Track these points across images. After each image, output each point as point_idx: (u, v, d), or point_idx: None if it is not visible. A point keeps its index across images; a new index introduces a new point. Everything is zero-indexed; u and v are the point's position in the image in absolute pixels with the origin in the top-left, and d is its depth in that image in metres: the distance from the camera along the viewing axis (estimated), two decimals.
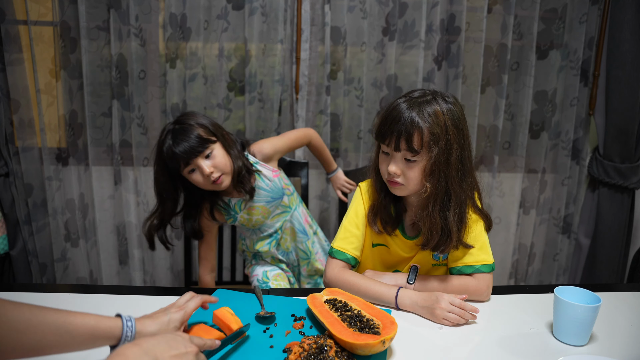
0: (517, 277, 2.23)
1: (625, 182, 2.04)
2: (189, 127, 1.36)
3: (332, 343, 0.89)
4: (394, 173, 1.10)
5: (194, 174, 1.38)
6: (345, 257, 1.23)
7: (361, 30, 1.90)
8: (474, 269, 1.17)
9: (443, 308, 1.06)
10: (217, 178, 1.38)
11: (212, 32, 1.87)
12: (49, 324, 0.71)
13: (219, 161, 1.39)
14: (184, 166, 1.37)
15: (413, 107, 1.07)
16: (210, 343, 0.83)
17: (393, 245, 1.25)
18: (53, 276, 1.96)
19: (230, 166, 1.42)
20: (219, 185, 1.40)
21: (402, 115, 1.07)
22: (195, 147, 1.34)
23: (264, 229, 1.58)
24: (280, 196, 1.56)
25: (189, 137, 1.34)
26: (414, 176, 1.10)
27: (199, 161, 1.36)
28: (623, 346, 1.00)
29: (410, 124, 1.06)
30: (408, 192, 1.15)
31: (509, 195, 2.13)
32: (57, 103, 1.85)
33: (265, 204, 1.54)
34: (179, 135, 1.35)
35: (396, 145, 1.08)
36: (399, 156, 1.10)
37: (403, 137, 1.06)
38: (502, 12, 1.95)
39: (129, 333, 0.80)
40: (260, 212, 1.54)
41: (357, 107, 1.97)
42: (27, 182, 1.84)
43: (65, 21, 1.79)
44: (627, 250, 2.20)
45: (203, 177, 1.37)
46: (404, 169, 1.10)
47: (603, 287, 1.43)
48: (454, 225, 1.12)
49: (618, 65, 1.94)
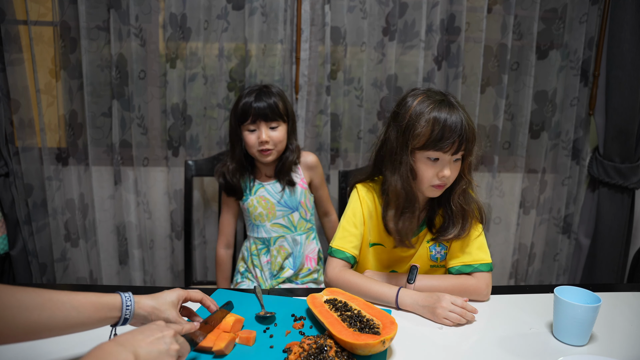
0: (517, 277, 2.23)
1: (625, 182, 2.04)
2: (273, 94, 1.52)
3: (332, 343, 0.89)
4: (449, 177, 1.13)
5: (251, 134, 1.52)
6: (345, 256, 1.23)
7: (361, 30, 1.90)
8: (472, 268, 1.18)
9: (444, 307, 1.06)
10: (267, 150, 1.51)
11: (212, 32, 1.87)
12: (55, 301, 0.75)
13: (277, 137, 1.53)
14: (249, 123, 1.50)
15: (455, 109, 1.10)
16: (188, 327, 0.86)
17: (389, 243, 1.25)
18: (53, 276, 1.96)
19: (282, 149, 1.56)
20: (264, 156, 1.53)
21: (456, 120, 1.09)
22: (269, 111, 1.49)
23: (260, 230, 1.61)
24: (293, 209, 1.59)
25: (269, 101, 1.50)
26: (456, 173, 1.16)
27: (263, 126, 1.50)
28: (623, 346, 1.00)
29: (466, 126, 1.10)
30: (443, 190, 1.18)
31: (509, 195, 2.13)
32: (57, 103, 1.85)
33: (275, 204, 1.59)
34: (262, 96, 1.50)
35: (457, 149, 1.11)
36: (450, 159, 1.12)
37: (464, 141, 1.10)
38: (502, 12, 1.95)
39: (129, 303, 0.84)
40: (266, 207, 1.58)
41: (357, 107, 1.97)
42: (27, 182, 1.84)
43: (65, 21, 1.79)
44: (627, 250, 2.20)
45: (257, 141, 1.50)
46: (453, 170, 1.14)
47: (603, 287, 1.43)
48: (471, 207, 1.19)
49: (618, 65, 1.94)
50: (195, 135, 1.93)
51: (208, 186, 1.99)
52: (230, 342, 0.91)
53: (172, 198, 1.98)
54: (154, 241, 2.01)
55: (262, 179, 1.62)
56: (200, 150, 1.95)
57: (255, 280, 1.64)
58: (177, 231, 2.01)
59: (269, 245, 1.62)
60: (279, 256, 1.61)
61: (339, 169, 1.90)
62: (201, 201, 1.99)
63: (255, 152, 1.53)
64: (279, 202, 1.59)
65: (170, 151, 1.93)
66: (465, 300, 1.09)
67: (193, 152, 1.93)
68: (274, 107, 1.50)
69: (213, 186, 1.98)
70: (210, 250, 2.04)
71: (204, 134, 1.94)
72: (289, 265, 1.62)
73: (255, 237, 1.64)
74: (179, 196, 1.97)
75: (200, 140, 1.94)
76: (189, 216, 1.84)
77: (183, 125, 1.92)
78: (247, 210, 1.63)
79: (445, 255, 1.24)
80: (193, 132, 1.92)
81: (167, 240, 2.02)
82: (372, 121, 1.99)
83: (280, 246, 1.61)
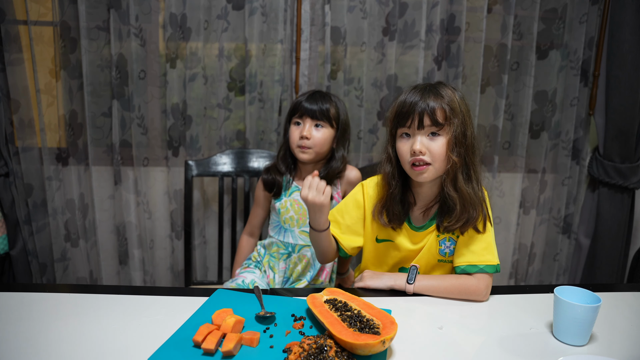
0: (517, 277, 2.23)
1: (625, 182, 2.04)
2: (328, 100, 1.55)
3: (332, 343, 0.89)
4: (419, 150, 1.12)
5: (296, 127, 1.54)
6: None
7: (361, 30, 1.90)
8: (478, 268, 1.17)
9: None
10: (306, 145, 1.52)
11: (212, 32, 1.87)
12: None
13: (319, 138, 1.52)
14: (297, 116, 1.54)
15: (428, 91, 1.14)
16: None
17: (399, 238, 1.25)
18: (53, 276, 1.96)
19: (324, 153, 1.55)
20: (302, 151, 1.53)
21: (421, 96, 1.13)
22: (318, 110, 1.51)
23: (287, 235, 1.59)
24: None
25: (320, 103, 1.52)
26: (440, 151, 1.13)
27: (308, 122, 1.52)
28: (623, 346, 1.00)
29: (431, 101, 1.11)
30: (434, 174, 1.16)
31: (509, 195, 2.13)
32: (57, 103, 1.85)
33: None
34: (317, 98, 1.54)
35: (420, 123, 1.12)
36: (421, 134, 1.13)
37: (427, 113, 1.11)
38: (502, 12, 1.95)
39: None
40: (298, 212, 1.57)
41: (357, 107, 1.97)
42: (27, 182, 1.84)
43: (65, 21, 1.79)
44: (627, 250, 2.20)
45: (298, 136, 1.52)
46: (429, 145, 1.13)
47: (603, 287, 1.43)
48: (479, 197, 1.17)
49: (618, 65, 1.94)
50: (195, 135, 1.93)
51: (208, 186, 1.99)
52: (238, 343, 0.91)
53: (172, 198, 1.98)
54: (154, 241, 2.01)
55: (300, 183, 1.58)
56: (200, 150, 1.95)
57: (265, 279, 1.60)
58: (177, 231, 2.01)
59: (292, 252, 1.58)
60: (299, 264, 1.57)
61: None
62: (201, 201, 1.99)
63: (295, 147, 1.54)
64: None
65: (170, 151, 1.93)
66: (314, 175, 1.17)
67: (193, 152, 1.94)
68: (324, 108, 1.52)
69: (213, 186, 1.98)
70: (210, 250, 2.04)
71: (204, 134, 1.94)
72: (307, 278, 1.58)
73: (280, 240, 1.60)
74: (179, 196, 1.97)
75: (200, 140, 1.94)
76: (189, 216, 1.84)
77: (183, 125, 1.92)
78: (277, 211, 1.60)
79: (454, 250, 1.23)
80: (193, 132, 1.92)
81: (167, 240, 2.02)
82: (372, 121, 1.99)
83: (303, 255, 1.57)
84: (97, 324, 0.99)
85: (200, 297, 1.13)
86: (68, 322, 1.00)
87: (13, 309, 1.04)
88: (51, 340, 0.93)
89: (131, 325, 0.99)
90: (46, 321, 1.00)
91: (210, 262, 2.05)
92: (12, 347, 0.90)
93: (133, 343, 0.93)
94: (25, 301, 1.08)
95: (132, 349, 0.91)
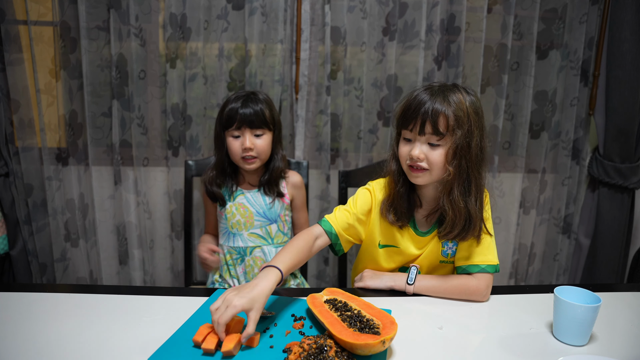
0: (517, 277, 2.23)
1: (625, 182, 2.04)
2: (260, 101, 1.49)
3: (332, 343, 0.89)
4: (417, 157, 1.11)
5: (235, 140, 1.48)
6: (329, 230, 1.23)
7: (361, 30, 1.90)
8: (479, 268, 1.17)
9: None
10: (250, 157, 1.48)
11: (212, 32, 1.87)
12: None
13: (262, 146, 1.49)
14: (234, 128, 1.47)
15: (437, 94, 1.11)
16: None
17: (403, 243, 1.24)
18: (53, 276, 1.96)
19: (266, 158, 1.52)
20: (248, 163, 1.49)
21: (428, 100, 1.10)
22: (254, 118, 1.45)
23: (236, 239, 1.57)
24: (272, 221, 1.56)
25: (255, 108, 1.46)
26: (438, 160, 1.11)
27: (248, 133, 1.46)
28: (623, 346, 1.00)
29: (436, 108, 1.09)
30: (429, 180, 1.15)
31: (509, 195, 2.13)
32: (57, 103, 1.85)
33: (254, 213, 1.55)
34: (249, 102, 1.46)
35: (421, 129, 1.10)
36: (422, 140, 1.12)
37: (429, 120, 1.09)
38: (502, 12, 1.95)
39: None
40: (244, 216, 1.55)
41: (357, 107, 1.97)
42: (27, 182, 1.84)
43: (65, 21, 1.79)
44: (627, 250, 2.19)
45: (241, 148, 1.47)
46: (427, 153, 1.12)
47: (603, 287, 1.43)
48: (476, 212, 1.14)
49: (618, 65, 1.94)
50: (195, 135, 1.93)
51: None
52: (238, 344, 0.91)
53: (172, 198, 1.98)
54: (154, 241, 2.01)
55: (244, 187, 1.58)
56: (200, 150, 1.95)
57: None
58: (177, 231, 2.01)
59: (245, 255, 1.57)
60: (255, 267, 1.56)
61: (339, 169, 1.90)
62: (201, 201, 1.99)
63: (239, 159, 1.49)
64: (258, 212, 1.55)
65: (170, 151, 1.93)
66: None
67: (193, 152, 1.94)
68: (260, 114, 1.46)
69: None
70: None
71: (204, 134, 1.94)
72: None
73: (230, 246, 1.58)
74: (179, 196, 1.97)
75: (200, 140, 1.94)
76: (189, 216, 1.84)
77: (183, 125, 1.92)
78: (224, 217, 1.57)
79: (455, 251, 1.23)
80: (193, 132, 1.92)
81: (167, 240, 2.02)
82: (372, 121, 1.99)
83: (256, 257, 1.57)
84: (97, 324, 0.99)
85: (200, 297, 1.13)
86: (68, 322, 1.00)
87: (13, 309, 1.04)
88: (51, 340, 0.93)
89: (131, 325, 0.99)
90: (46, 321, 1.00)
91: None
92: (12, 347, 0.90)
93: (133, 343, 0.93)
94: (25, 301, 1.08)
95: (132, 349, 0.91)
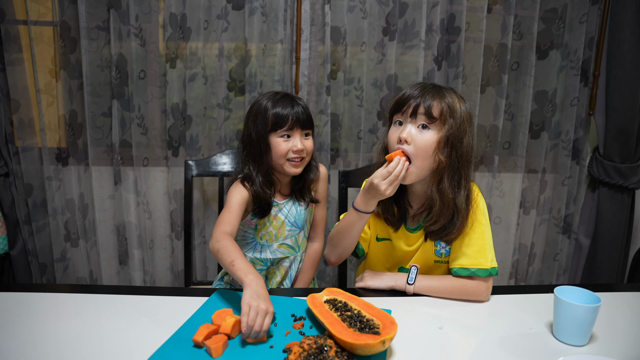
0: (517, 277, 2.23)
1: (625, 182, 2.04)
2: (301, 100, 1.37)
3: (332, 343, 0.89)
4: (404, 139, 1.11)
5: (284, 142, 1.33)
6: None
7: (361, 30, 1.90)
8: (469, 272, 1.16)
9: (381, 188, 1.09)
10: (299, 160, 1.35)
11: (212, 32, 1.87)
12: None
13: (311, 147, 1.37)
14: (286, 129, 1.32)
15: (432, 87, 1.14)
16: None
17: (396, 239, 1.25)
18: (53, 276, 1.96)
19: (309, 160, 1.40)
20: (295, 166, 1.36)
21: (423, 90, 1.13)
22: (305, 117, 1.34)
23: (265, 251, 1.46)
24: (300, 228, 1.47)
25: (300, 107, 1.34)
26: (425, 146, 1.11)
27: (298, 133, 1.34)
28: (623, 346, 1.00)
29: (430, 94, 1.11)
30: (415, 175, 1.14)
31: (509, 195, 2.13)
32: (57, 103, 1.85)
33: (285, 222, 1.44)
34: (291, 102, 1.33)
35: (414, 111, 1.11)
36: (413, 123, 1.13)
37: (422, 104, 1.11)
38: (502, 12, 1.95)
39: None
40: (276, 227, 1.44)
41: (357, 107, 1.97)
42: (27, 182, 1.84)
43: (65, 21, 1.79)
44: (627, 250, 2.19)
45: (288, 150, 1.33)
46: (416, 137, 1.12)
47: (603, 287, 1.43)
48: (463, 207, 1.14)
49: (618, 65, 1.94)
50: (195, 135, 1.93)
51: (208, 186, 1.99)
52: (225, 344, 0.91)
53: (172, 198, 1.98)
54: (154, 241, 2.01)
55: (277, 197, 1.44)
56: (200, 150, 1.95)
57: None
58: (177, 231, 2.01)
59: (271, 265, 1.47)
60: (279, 275, 1.48)
61: (339, 169, 1.90)
62: (201, 201, 1.99)
63: (284, 161, 1.35)
64: (290, 221, 1.44)
65: (170, 151, 1.93)
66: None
67: (193, 152, 1.93)
68: (308, 113, 1.36)
69: (213, 186, 1.98)
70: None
71: (204, 134, 1.94)
72: (286, 285, 1.51)
73: (257, 257, 1.45)
74: (179, 196, 1.97)
75: (200, 140, 1.94)
76: (189, 216, 1.84)
77: (183, 125, 1.92)
78: (252, 227, 1.43)
79: (449, 251, 1.23)
80: (193, 132, 1.92)
81: (167, 240, 2.02)
82: (372, 121, 1.99)
83: (283, 266, 1.48)
84: (97, 324, 0.99)
85: (200, 297, 1.13)
86: (68, 322, 1.00)
87: (13, 309, 1.04)
88: (51, 340, 0.93)
89: (131, 325, 0.99)
90: (46, 321, 1.00)
91: (210, 262, 2.05)
92: (12, 347, 0.90)
93: (133, 343, 0.93)
94: (25, 301, 1.08)
95: (132, 349, 0.91)
